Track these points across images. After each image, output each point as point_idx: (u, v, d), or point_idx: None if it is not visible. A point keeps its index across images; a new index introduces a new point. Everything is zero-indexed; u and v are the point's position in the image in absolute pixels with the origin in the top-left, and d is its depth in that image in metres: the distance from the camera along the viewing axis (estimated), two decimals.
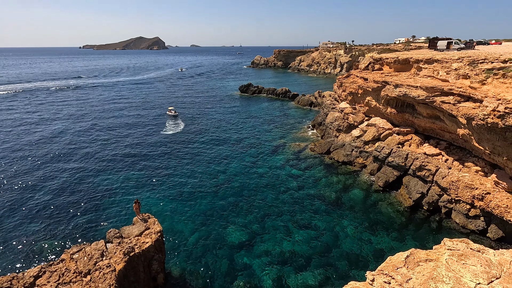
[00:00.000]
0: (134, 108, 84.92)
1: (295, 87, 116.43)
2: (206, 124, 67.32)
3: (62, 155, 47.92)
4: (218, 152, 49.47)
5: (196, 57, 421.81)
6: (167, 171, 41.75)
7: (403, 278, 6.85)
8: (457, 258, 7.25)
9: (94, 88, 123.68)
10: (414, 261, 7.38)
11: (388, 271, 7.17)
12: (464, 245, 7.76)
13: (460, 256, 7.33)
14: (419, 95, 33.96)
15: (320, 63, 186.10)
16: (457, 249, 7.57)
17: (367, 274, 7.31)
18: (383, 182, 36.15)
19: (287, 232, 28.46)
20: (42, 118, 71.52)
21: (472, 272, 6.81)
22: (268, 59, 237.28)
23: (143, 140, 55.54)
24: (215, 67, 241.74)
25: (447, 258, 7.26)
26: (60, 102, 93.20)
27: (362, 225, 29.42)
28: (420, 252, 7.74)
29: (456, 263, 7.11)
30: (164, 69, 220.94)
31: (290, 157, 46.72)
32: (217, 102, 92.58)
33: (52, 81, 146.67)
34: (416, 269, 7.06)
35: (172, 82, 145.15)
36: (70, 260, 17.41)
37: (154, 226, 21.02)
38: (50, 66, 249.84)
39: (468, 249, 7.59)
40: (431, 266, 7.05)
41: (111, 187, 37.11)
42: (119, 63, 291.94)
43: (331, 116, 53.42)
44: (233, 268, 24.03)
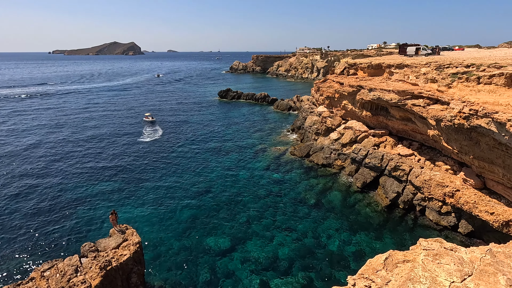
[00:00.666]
0: (109, 115, 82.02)
1: (274, 92, 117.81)
2: (185, 130, 66.29)
3: (29, 163, 45.17)
4: (197, 158, 48.78)
5: (174, 63, 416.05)
6: (145, 180, 40.54)
7: (383, 280, 7.02)
8: (432, 258, 7.55)
9: (66, 95, 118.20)
10: (393, 262, 7.60)
11: (368, 274, 7.33)
12: (438, 244, 8.11)
13: (435, 255, 7.64)
14: (391, 99, 35.45)
15: (297, 68, 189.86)
16: (432, 249, 7.89)
17: (348, 279, 7.43)
18: (361, 183, 37.19)
19: (270, 236, 28.45)
20: (10, 129, 67.22)
21: (447, 271, 7.10)
22: (246, 64, 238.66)
23: (120, 149, 53.67)
24: (193, 72, 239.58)
25: (423, 258, 7.54)
26: (29, 110, 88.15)
27: (343, 226, 30.03)
28: (398, 253, 7.99)
29: (431, 263, 7.40)
30: (140, 75, 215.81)
31: (271, 161, 46.97)
32: (196, 108, 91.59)
33: (20, 88, 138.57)
34: (394, 271, 7.27)
35: (149, 88, 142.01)
36: (41, 278, 16.34)
37: (132, 237, 20.25)
38: (17, 73, 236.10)
39: (442, 248, 7.93)
40: (409, 267, 7.29)
41: (85, 199, 35.42)
42: (92, 69, 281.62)
43: (309, 120, 54.44)
44: (216, 276, 23.62)
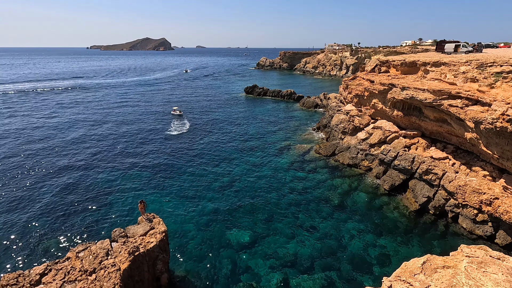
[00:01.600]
0: (140, 108, 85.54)
1: (300, 89, 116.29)
2: (211, 125, 67.51)
3: (68, 154, 48.44)
4: (222, 153, 49.54)
5: (202, 58, 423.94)
6: (173, 172, 41.92)
7: (422, 285, 6.74)
8: (476, 266, 7.10)
9: (101, 89, 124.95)
10: (431, 267, 7.26)
11: (406, 277, 7.05)
12: (482, 252, 7.60)
13: (479, 263, 7.18)
14: (426, 98, 33.64)
15: (325, 65, 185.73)
16: (476, 256, 7.42)
17: (384, 280, 7.21)
18: (389, 185, 35.82)
19: (291, 234, 28.32)
20: (51, 117, 72.43)
21: (494, 281, 6.63)
22: (273, 60, 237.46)
23: (149, 141, 55.87)
24: (221, 68, 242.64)
25: (466, 266, 7.11)
26: (67, 102, 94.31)
27: (367, 229, 29.17)
28: (437, 258, 7.61)
29: (476, 271, 6.96)
30: (170, 70, 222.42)
31: (295, 159, 46.58)
32: (222, 103, 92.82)
33: (61, 81, 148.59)
34: (434, 276, 6.94)
35: (177, 83, 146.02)
36: (76, 258, 17.53)
37: (159, 226, 21.08)
38: (58, 66, 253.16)
39: (487, 256, 7.42)
40: (450, 273, 6.92)
41: (117, 187, 37.37)
42: (126, 64, 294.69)
43: (336, 118, 53.18)
44: (236, 269, 23.98)
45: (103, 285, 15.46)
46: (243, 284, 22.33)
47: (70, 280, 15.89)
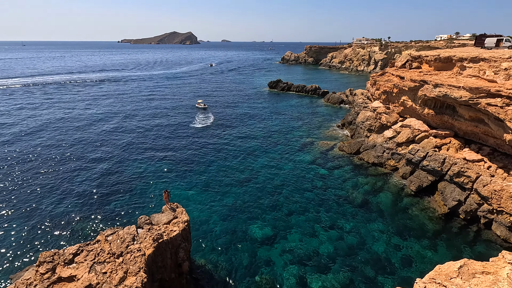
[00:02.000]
0: (167, 101, 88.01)
1: (325, 84, 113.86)
2: (234, 119, 68.09)
3: (102, 145, 51.09)
4: (245, 147, 49.90)
5: (226, 52, 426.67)
6: (196, 164, 42.93)
7: None
8: None
9: (130, 81, 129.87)
10: (469, 272, 6.92)
11: (441, 280, 6.79)
12: None
13: None
14: (461, 96, 31.68)
15: (353, 60, 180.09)
16: None
17: (417, 281, 7.00)
18: (416, 186, 34.37)
19: (312, 231, 28.11)
20: (86, 109, 76.61)
21: None
22: (298, 55, 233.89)
23: (174, 133, 57.48)
24: (245, 62, 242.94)
25: (509, 273, 6.71)
26: (100, 94, 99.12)
27: (391, 230, 28.27)
28: (475, 263, 7.24)
29: None
30: (195, 64, 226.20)
31: (318, 155, 45.92)
32: (246, 98, 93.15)
33: (94, 74, 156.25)
34: (472, 281, 6.62)
35: (202, 77, 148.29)
36: (105, 241, 18.57)
37: (181, 216, 21.76)
38: (91, 60, 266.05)
39: None
40: (490, 280, 6.57)
41: (143, 176, 38.94)
42: (153, 57, 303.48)
43: (362, 115, 51.60)
44: (255, 262, 24.26)
45: (129, 268, 16.27)
46: (261, 277, 22.58)
47: (99, 262, 16.89)
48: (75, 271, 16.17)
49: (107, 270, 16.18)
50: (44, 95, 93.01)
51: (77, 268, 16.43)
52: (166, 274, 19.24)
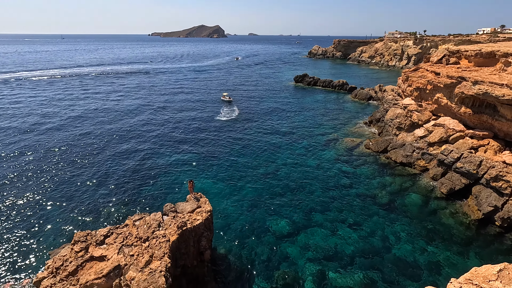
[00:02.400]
0: (193, 94, 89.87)
1: (354, 80, 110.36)
2: (259, 112, 68.15)
3: (133, 136, 53.48)
4: (269, 141, 49.89)
5: (253, 46, 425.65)
6: (220, 156, 43.66)
7: None
8: None
9: (160, 74, 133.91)
10: (509, 276, 6.54)
11: (479, 281, 6.49)
12: None
13: None
14: (504, 94, 29.37)
15: (383, 55, 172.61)
16: None
17: (452, 281, 6.74)
18: (447, 189, 32.60)
19: (333, 229, 27.71)
20: (119, 100, 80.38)
21: None
22: (326, 49, 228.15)
23: (200, 125, 58.71)
24: (271, 56, 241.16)
25: None
26: (132, 86, 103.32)
27: (417, 233, 27.15)
28: None
29: None
30: (222, 57, 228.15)
31: (342, 152, 44.89)
32: (271, 92, 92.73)
33: (126, 65, 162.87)
34: None
35: (228, 70, 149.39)
36: (133, 226, 19.55)
37: (205, 206, 22.33)
38: (123, 52, 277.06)
39: None
40: None
41: (169, 166, 40.31)
42: (181, 50, 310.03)
43: (392, 112, 49.53)
44: (275, 256, 24.40)
45: (154, 253, 17.04)
46: (280, 271, 22.70)
47: (127, 244, 17.83)
48: (105, 252, 17.21)
49: (134, 253, 17.05)
50: (81, 86, 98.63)
51: (107, 249, 17.47)
52: (189, 261, 19.91)
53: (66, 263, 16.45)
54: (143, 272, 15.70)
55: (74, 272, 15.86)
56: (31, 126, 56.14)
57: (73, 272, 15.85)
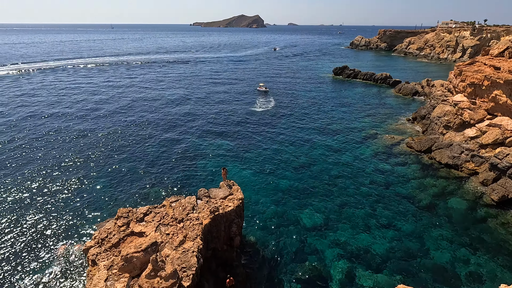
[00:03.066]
0: (230, 83, 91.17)
1: (398, 73, 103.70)
2: (294, 104, 67.27)
3: (174, 125, 56.12)
4: (303, 133, 49.21)
5: (292, 36, 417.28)
6: (253, 146, 44.13)
7: None
8: None
9: (199, 63, 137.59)
10: None
11: None
12: None
13: None
14: None
15: (434, 46, 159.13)
16: None
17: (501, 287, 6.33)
18: (499, 196, 29.68)
19: (365, 227, 26.83)
20: (164, 90, 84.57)
21: None
22: (370, 40, 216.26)
23: (235, 115, 59.63)
24: (311, 47, 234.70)
25: None
26: (173, 76, 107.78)
27: (460, 241, 25.24)
28: None
29: None
30: (260, 47, 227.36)
31: (381, 150, 42.81)
32: (308, 84, 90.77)
33: (168, 54, 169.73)
34: None
35: (266, 61, 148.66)
36: (169, 207, 20.73)
37: (237, 193, 22.87)
38: (165, 41, 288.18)
39: None
40: None
41: (204, 153, 41.73)
42: (220, 40, 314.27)
43: (439, 109, 45.87)
44: (304, 248, 24.35)
45: (188, 234, 17.95)
46: (308, 264, 22.65)
47: (164, 224, 18.99)
48: (144, 228, 18.51)
49: (170, 232, 18.11)
50: (128, 75, 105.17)
51: (146, 226, 18.78)
52: (219, 245, 20.69)
53: (110, 235, 18.02)
54: (177, 251, 16.66)
55: (116, 244, 17.34)
56: (88, 112, 61.61)
57: (115, 244, 17.33)
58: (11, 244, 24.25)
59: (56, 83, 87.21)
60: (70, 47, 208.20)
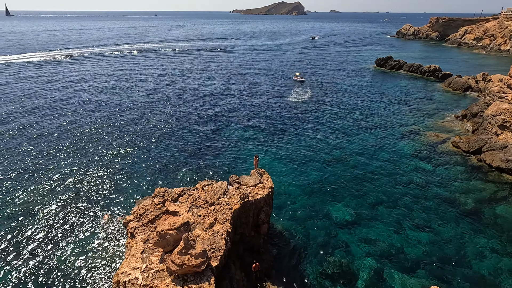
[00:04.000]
0: (266, 72, 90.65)
1: (449, 66, 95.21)
2: (331, 95, 65.19)
3: (212, 109, 57.63)
4: (339, 126, 47.74)
5: (333, 24, 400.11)
6: (287, 136, 43.87)
7: None
8: None
9: (237, 51, 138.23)
10: None
11: None
12: None
13: None
14: None
15: (495, 37, 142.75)
16: None
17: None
18: None
19: (398, 227, 25.68)
20: (199, 77, 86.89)
21: None
22: (419, 28, 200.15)
23: (270, 104, 59.46)
24: (353, 36, 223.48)
25: None
26: (212, 61, 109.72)
27: (506, 251, 23.15)
28: None
29: None
30: (298, 36, 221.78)
31: (422, 147, 40.15)
32: (347, 74, 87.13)
33: (207, 41, 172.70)
34: None
35: (304, 50, 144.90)
36: (202, 190, 21.57)
37: (267, 182, 23.07)
38: (205, 29, 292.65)
39: None
40: None
41: (237, 140, 42.44)
42: (259, 28, 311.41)
43: (495, 107, 41.51)
44: (331, 243, 24.05)
45: (218, 217, 18.62)
46: (334, 258, 22.38)
47: (196, 205, 19.86)
48: (178, 208, 19.53)
49: (201, 214, 18.92)
50: (170, 63, 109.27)
51: (179, 206, 19.79)
52: (247, 230, 21.20)
53: (147, 212, 19.32)
54: (207, 232, 17.40)
55: (152, 220, 18.55)
56: (134, 99, 65.58)
57: (152, 220, 18.55)
58: (65, 206, 27.13)
59: (103, 69, 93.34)
60: (116, 33, 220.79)
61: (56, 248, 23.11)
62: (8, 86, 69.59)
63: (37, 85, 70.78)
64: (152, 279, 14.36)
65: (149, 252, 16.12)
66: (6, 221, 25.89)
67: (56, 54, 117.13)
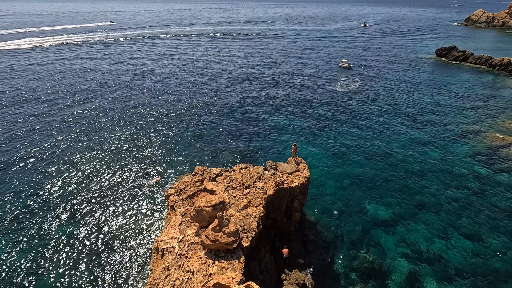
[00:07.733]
0: (311, 59, 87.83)
1: None
2: (381, 87, 61.19)
3: (247, 96, 58.20)
4: (386, 120, 44.99)
5: (392, 9, 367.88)
6: (328, 126, 42.67)
7: None
8: None
9: (282, 37, 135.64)
10: None
11: None
12: None
13: None
14: None
15: None
16: None
17: None
18: None
19: (443, 232, 23.94)
20: (243, 63, 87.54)
21: None
22: (494, 15, 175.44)
23: (314, 93, 57.93)
24: (413, 22, 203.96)
25: None
26: (256, 47, 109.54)
27: None
28: None
29: None
30: (351, 21, 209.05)
31: (481, 150, 36.21)
32: (403, 65, 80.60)
33: (250, 25, 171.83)
34: None
35: (355, 37, 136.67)
36: (239, 172, 22.24)
37: (303, 171, 22.93)
38: (251, 11, 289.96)
39: None
40: None
41: (277, 128, 42.42)
42: (307, 12, 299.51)
43: None
44: (365, 240, 23.38)
45: (252, 200, 19.15)
46: (367, 256, 21.79)
47: (232, 187, 20.61)
48: (215, 187, 20.47)
49: (237, 195, 19.62)
50: (215, 45, 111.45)
51: (216, 186, 20.72)
52: (279, 217, 21.52)
53: (187, 188, 20.58)
54: (240, 213, 18.06)
55: (191, 196, 19.75)
56: (179, 84, 68.83)
57: (190, 196, 19.75)
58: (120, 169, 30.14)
59: (167, 51, 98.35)
60: (166, 16, 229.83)
61: (107, 208, 25.92)
62: (98, 61, 77.59)
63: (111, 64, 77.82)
64: (187, 250, 15.48)
65: (186, 225, 17.31)
66: (77, 175, 29.59)
67: (120, 35, 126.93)
